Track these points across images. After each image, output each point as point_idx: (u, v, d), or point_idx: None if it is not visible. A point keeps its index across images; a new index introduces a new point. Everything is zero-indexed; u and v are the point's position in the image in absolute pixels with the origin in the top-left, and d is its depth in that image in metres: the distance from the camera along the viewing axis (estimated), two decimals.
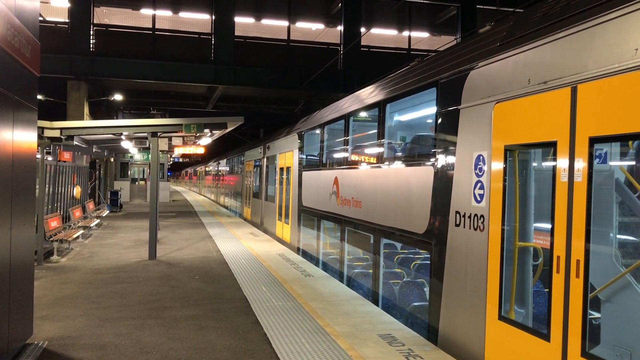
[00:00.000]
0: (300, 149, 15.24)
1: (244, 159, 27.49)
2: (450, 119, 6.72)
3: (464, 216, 6.25)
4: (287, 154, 16.72)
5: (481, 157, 5.96)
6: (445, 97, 6.93)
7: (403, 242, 8.61)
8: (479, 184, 5.96)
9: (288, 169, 16.43)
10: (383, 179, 8.97)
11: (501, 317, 5.40)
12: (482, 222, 5.84)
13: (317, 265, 12.86)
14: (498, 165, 5.62)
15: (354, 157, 10.91)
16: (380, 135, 9.21)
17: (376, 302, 9.16)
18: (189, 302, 8.73)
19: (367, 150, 10.46)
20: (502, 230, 5.48)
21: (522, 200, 5.47)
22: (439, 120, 7.01)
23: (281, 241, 16.84)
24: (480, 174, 5.96)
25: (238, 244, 15.72)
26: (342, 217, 11.09)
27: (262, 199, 21.52)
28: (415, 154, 8.34)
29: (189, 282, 10.37)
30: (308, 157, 14.91)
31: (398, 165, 8.60)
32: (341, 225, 11.22)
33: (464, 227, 6.22)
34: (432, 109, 7.56)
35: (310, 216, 13.86)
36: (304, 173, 14.64)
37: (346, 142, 11.21)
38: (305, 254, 14.29)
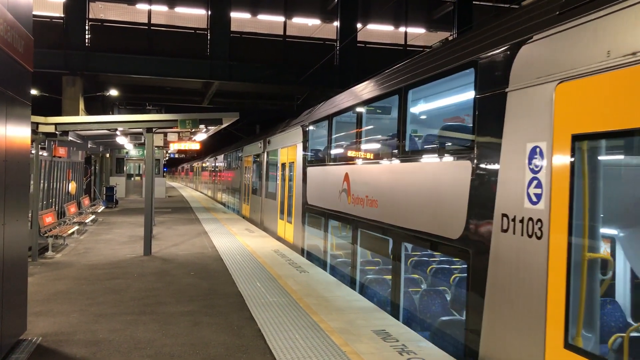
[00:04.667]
0: (305, 143, 14.21)
1: (242, 154, 26.52)
2: (493, 104, 5.74)
3: (513, 220, 5.29)
4: (290, 148, 15.72)
5: (538, 149, 5.00)
6: (486, 78, 5.94)
7: (430, 248, 7.41)
8: (535, 182, 5.01)
9: (291, 164, 15.48)
10: (405, 176, 7.93)
11: (569, 346, 4.44)
12: (540, 228, 4.88)
13: (325, 269, 11.81)
14: (562, 159, 4.64)
15: (368, 151, 9.99)
16: (401, 125, 8.13)
17: (396, 314, 8.08)
18: (184, 298, 8.73)
19: (385, 144, 9.49)
20: (568, 238, 4.53)
21: (591, 202, 4.52)
22: (479, 106, 6.02)
23: (283, 241, 15.93)
24: (536, 169, 5.01)
25: (233, 240, 15.72)
26: (353, 217, 10.10)
27: (262, 196, 20.49)
28: (446, 146, 7.33)
29: (183, 278, 10.37)
30: (313, 152, 13.83)
31: (424, 159, 7.52)
32: (353, 226, 10.18)
33: (514, 233, 5.26)
34: (468, 94, 6.74)
35: (316, 215, 12.80)
36: (308, 169, 13.62)
37: (359, 135, 10.20)
38: (311, 257, 13.29)
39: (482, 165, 5.92)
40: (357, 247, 10.10)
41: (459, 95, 8.09)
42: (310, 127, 13.89)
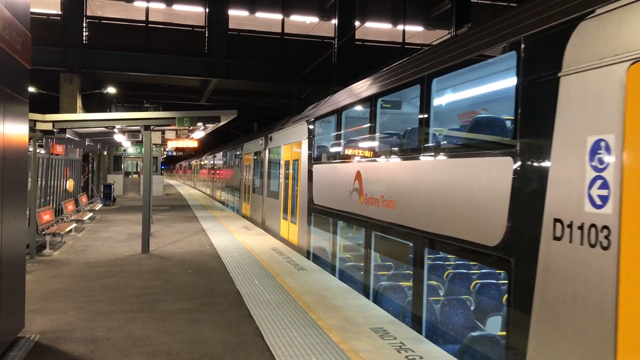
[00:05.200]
0: (310, 139, 13.25)
1: (242, 152, 25.65)
2: (542, 92, 4.99)
3: (570, 226, 4.52)
4: (294, 145, 14.87)
5: (603, 144, 4.23)
6: (532, 61, 5.18)
7: (461, 255, 6.66)
8: (599, 182, 4.25)
9: (295, 161, 14.67)
10: (429, 174, 7.09)
11: None
12: (607, 236, 4.10)
13: (334, 273, 11.09)
14: (638, 154, 3.89)
15: (385, 147, 9.18)
16: (424, 118, 7.32)
17: (418, 328, 7.27)
18: (182, 296, 8.73)
19: (404, 139, 8.68)
20: None
21: None
22: (522, 95, 5.22)
23: (287, 242, 15.14)
24: (601, 166, 4.24)
25: (231, 238, 15.72)
26: (366, 219, 9.22)
27: (263, 195, 19.54)
28: (481, 140, 6.54)
29: (181, 275, 10.37)
30: (320, 148, 12.94)
31: (453, 156, 6.70)
32: (366, 228, 9.27)
33: (571, 241, 4.50)
34: (507, 81, 6.11)
35: (323, 216, 11.96)
36: (315, 166, 12.71)
37: (372, 130, 9.26)
38: (318, 260, 12.49)
39: (528, 163, 5.13)
40: (370, 251, 9.20)
41: (497, 83, 7.33)
42: (317, 123, 13.03)
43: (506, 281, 5.44)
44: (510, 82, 5.71)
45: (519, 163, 5.24)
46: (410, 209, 7.56)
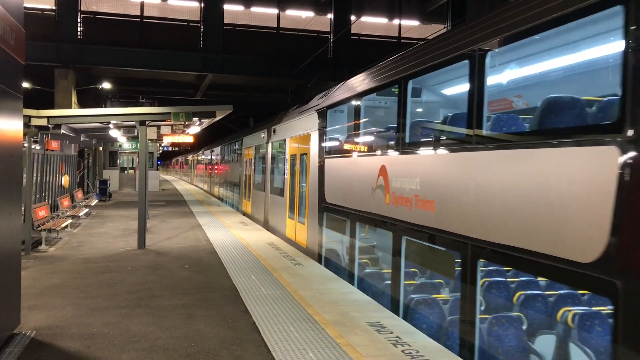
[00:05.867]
0: (322, 131, 11.91)
1: (242, 146, 24.26)
2: None
3: None
4: (302, 137, 13.57)
5: None
6: None
7: (535, 272, 5.41)
8: None
9: (303, 155, 13.40)
10: (485, 168, 5.75)
11: None
12: None
13: (351, 281, 9.72)
14: None
15: (417, 137, 7.86)
16: (476, 100, 5.95)
17: (469, 356, 6.01)
18: (178, 291, 8.73)
19: (446, 126, 7.27)
20: None
21: None
22: (635, 64, 3.98)
23: (294, 244, 13.91)
24: None
25: (228, 233, 15.71)
26: (395, 221, 7.91)
27: (266, 192, 18.22)
28: (565, 126, 5.19)
29: (178, 271, 10.36)
30: (334, 141, 11.66)
31: (522, 145, 5.28)
32: (394, 233, 7.97)
33: None
34: (607, 47, 5.13)
35: (338, 217, 10.64)
36: (327, 161, 11.41)
37: (401, 117, 7.84)
38: (331, 264, 11.27)
39: None
40: (399, 259, 7.83)
41: (587, 50, 5.94)
42: (329, 112, 11.63)
43: (609, 310, 4.28)
44: (613, 47, 4.61)
45: (630, 154, 4.01)
46: (457, 212, 6.26)
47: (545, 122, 5.36)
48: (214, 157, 37.09)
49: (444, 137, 7.21)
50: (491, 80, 6.45)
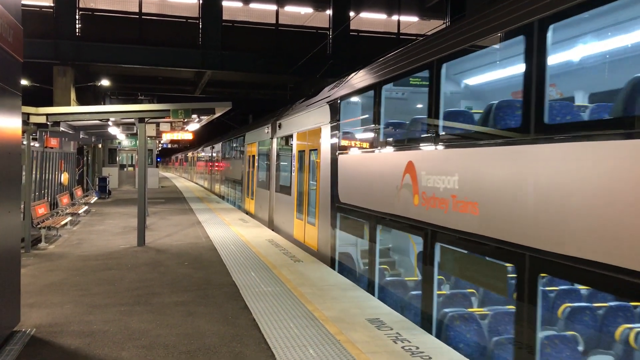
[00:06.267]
0: (334, 124, 10.94)
1: (244, 142, 23.30)
2: None
3: None
4: (311, 132, 12.63)
5: None
6: None
7: (626, 294, 4.19)
8: None
9: (313, 151, 12.46)
10: (550, 166, 4.81)
11: None
12: None
13: (371, 291, 8.80)
14: None
15: (455, 130, 6.86)
16: (536, 78, 4.99)
17: None
18: (178, 289, 8.73)
19: (495, 114, 6.12)
20: None
21: None
22: None
23: (303, 246, 13.00)
24: None
25: (227, 230, 15.71)
26: (425, 225, 6.98)
27: (271, 190, 17.32)
28: None
29: (177, 268, 10.36)
30: (349, 135, 10.72)
31: (605, 136, 4.28)
32: (425, 238, 7.02)
33: None
34: None
35: (354, 218, 9.77)
36: (341, 157, 10.48)
37: (433, 105, 6.94)
38: (346, 270, 10.47)
39: None
40: (432, 269, 6.85)
41: None
42: (343, 104, 10.70)
43: None
44: None
45: None
46: (510, 217, 5.32)
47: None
48: (214, 154, 36.29)
49: (490, 129, 6.15)
50: (557, 58, 5.39)
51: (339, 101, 10.78)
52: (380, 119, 8.72)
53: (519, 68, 5.37)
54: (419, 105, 8.83)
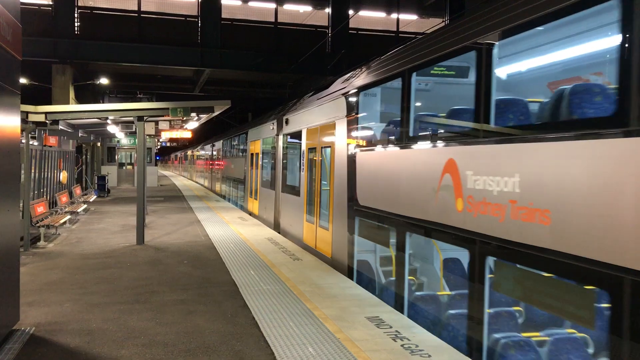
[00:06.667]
0: (352, 118, 9.85)
1: (247, 139, 22.24)
2: None
3: None
4: (324, 127, 11.58)
5: None
6: None
7: None
8: None
9: (325, 149, 11.48)
10: None
11: None
12: None
13: (400, 309, 7.61)
14: None
15: (515, 119, 5.81)
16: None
17: None
18: (177, 287, 8.72)
19: (570, 103, 5.06)
20: None
21: None
22: None
23: (314, 252, 11.98)
24: None
25: (227, 228, 15.71)
26: (473, 235, 5.87)
27: (276, 190, 16.35)
28: None
29: (177, 266, 10.36)
30: (370, 130, 9.73)
31: None
32: (472, 250, 5.92)
33: None
34: None
35: (377, 224, 8.65)
36: (360, 155, 9.38)
37: (482, 92, 5.75)
38: (365, 281, 9.50)
39: None
40: (483, 288, 5.75)
41: None
42: (362, 95, 9.59)
43: None
44: None
45: None
46: (601, 229, 4.23)
47: None
48: (215, 152, 35.34)
49: (567, 119, 5.10)
50: None
51: (357, 93, 9.62)
52: (410, 110, 7.58)
53: (609, 41, 4.53)
54: (456, 95, 7.81)
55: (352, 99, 9.86)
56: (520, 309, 6.79)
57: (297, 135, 14.08)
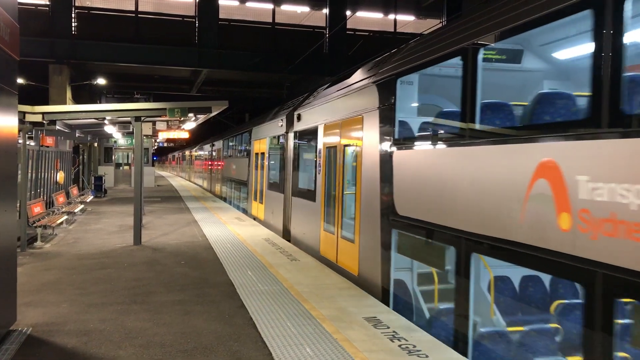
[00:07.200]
0: (387, 110, 8.15)
1: (251, 138, 20.74)
2: None
3: None
4: (348, 122, 9.93)
5: None
6: None
7: None
8: None
9: (349, 147, 9.95)
10: None
11: None
12: None
13: (463, 352, 5.96)
14: None
15: None
16: None
17: None
18: (175, 287, 8.72)
19: None
20: None
21: None
22: None
23: (335, 266, 10.33)
24: None
25: (224, 229, 15.70)
26: (592, 265, 4.27)
27: (286, 194, 14.82)
28: None
29: (174, 267, 10.35)
30: (414, 123, 7.96)
31: None
32: (592, 287, 4.26)
33: None
34: None
35: (424, 239, 7.01)
36: (399, 154, 7.75)
37: (611, 64, 4.10)
38: (406, 309, 7.82)
39: None
40: (611, 338, 4.08)
41: None
42: (401, 82, 7.93)
43: None
44: None
45: None
46: None
47: None
48: (215, 152, 33.66)
49: None
50: None
51: (394, 80, 7.92)
52: (476, 97, 5.89)
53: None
54: (551, 72, 6.46)
55: (388, 88, 8.14)
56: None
57: (311, 132, 12.54)
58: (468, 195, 5.98)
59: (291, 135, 14.70)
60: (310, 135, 12.70)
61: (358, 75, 10.28)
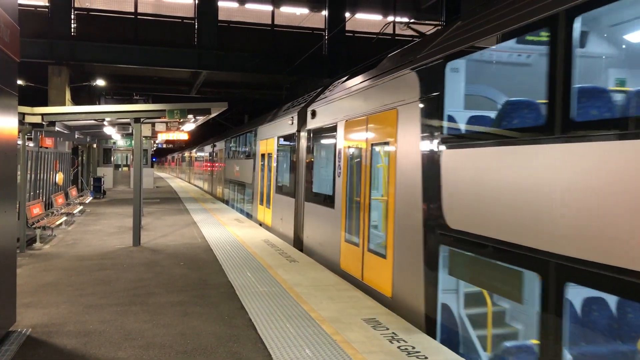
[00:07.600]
0: (430, 101, 6.84)
1: (256, 138, 19.51)
2: None
3: None
4: (376, 117, 8.59)
5: None
6: None
7: None
8: None
9: (377, 145, 8.66)
10: None
11: None
12: None
13: None
14: None
15: None
16: None
17: None
18: (174, 289, 8.72)
19: None
20: None
21: None
22: None
23: (359, 284, 9.04)
24: None
25: (223, 230, 15.70)
26: None
27: (298, 198, 13.69)
28: None
29: (173, 268, 10.35)
30: (470, 116, 6.55)
31: None
32: None
33: None
34: None
35: (487, 260, 5.59)
36: (449, 153, 6.34)
37: None
38: (459, 343, 6.58)
39: None
40: None
41: None
42: (450, 67, 6.56)
43: None
44: None
45: None
46: None
47: None
48: (216, 153, 32.23)
49: None
50: None
51: (442, 63, 6.59)
52: (571, 80, 4.44)
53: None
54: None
55: (432, 75, 6.83)
56: None
57: (329, 130, 11.22)
58: (552, 205, 4.64)
59: (303, 134, 13.45)
60: (327, 133, 11.40)
61: (384, 64, 9.04)
